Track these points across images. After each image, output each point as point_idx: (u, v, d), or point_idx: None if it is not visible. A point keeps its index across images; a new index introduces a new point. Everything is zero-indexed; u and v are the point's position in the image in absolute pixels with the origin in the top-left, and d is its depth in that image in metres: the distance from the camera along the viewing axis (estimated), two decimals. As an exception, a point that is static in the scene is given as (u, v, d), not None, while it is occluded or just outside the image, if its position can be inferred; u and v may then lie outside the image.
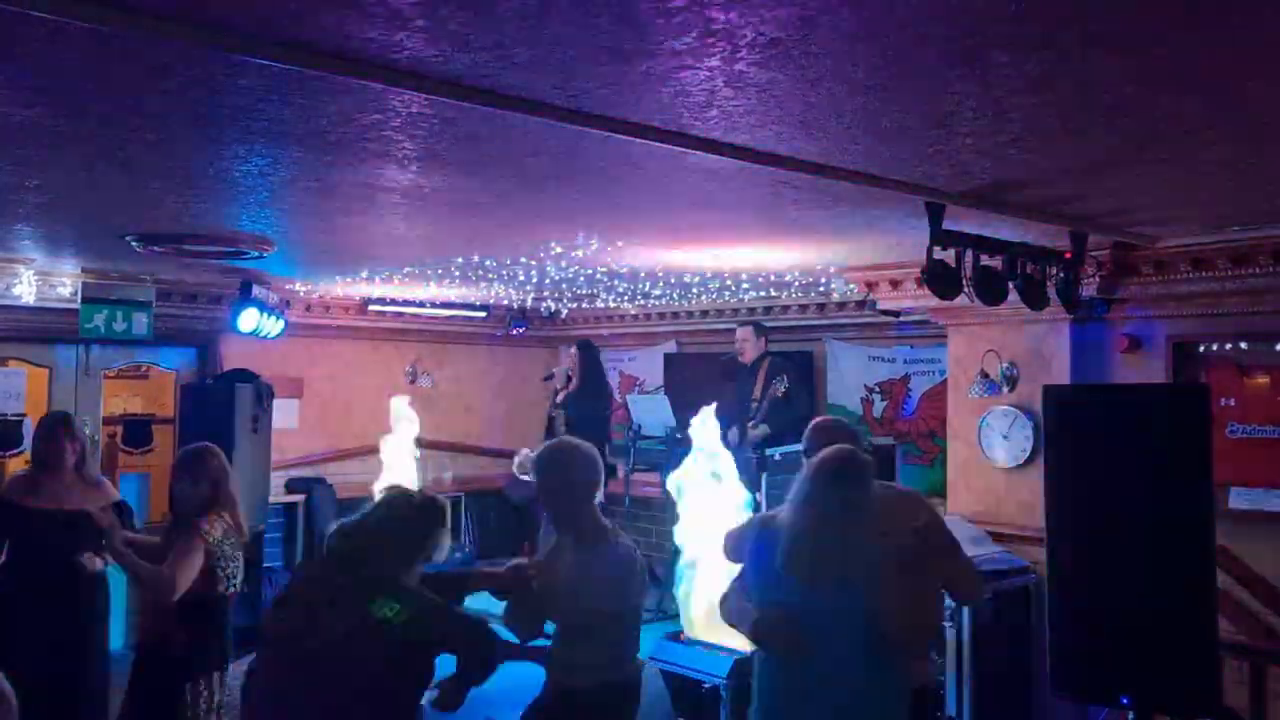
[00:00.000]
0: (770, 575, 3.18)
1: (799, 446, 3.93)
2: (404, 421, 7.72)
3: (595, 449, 3.50)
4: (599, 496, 3.46)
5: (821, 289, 7.17)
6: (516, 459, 7.75)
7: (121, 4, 2.02)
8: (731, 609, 3.36)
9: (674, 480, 5.43)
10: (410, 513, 3.07)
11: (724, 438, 5.63)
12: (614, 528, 3.42)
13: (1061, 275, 4.57)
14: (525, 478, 7.65)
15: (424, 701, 2.97)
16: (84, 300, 6.58)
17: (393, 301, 8.49)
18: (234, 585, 4.13)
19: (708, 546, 5.29)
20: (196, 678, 4.01)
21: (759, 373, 6.79)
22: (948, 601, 4.99)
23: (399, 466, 7.59)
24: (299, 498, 8.18)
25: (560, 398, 7.55)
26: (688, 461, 5.43)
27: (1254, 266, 4.81)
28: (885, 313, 6.70)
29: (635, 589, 3.34)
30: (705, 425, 5.47)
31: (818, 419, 4.06)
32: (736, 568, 3.51)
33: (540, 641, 3.35)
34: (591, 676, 3.21)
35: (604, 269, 6.14)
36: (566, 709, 3.26)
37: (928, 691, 3.53)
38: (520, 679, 3.71)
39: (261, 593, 7.39)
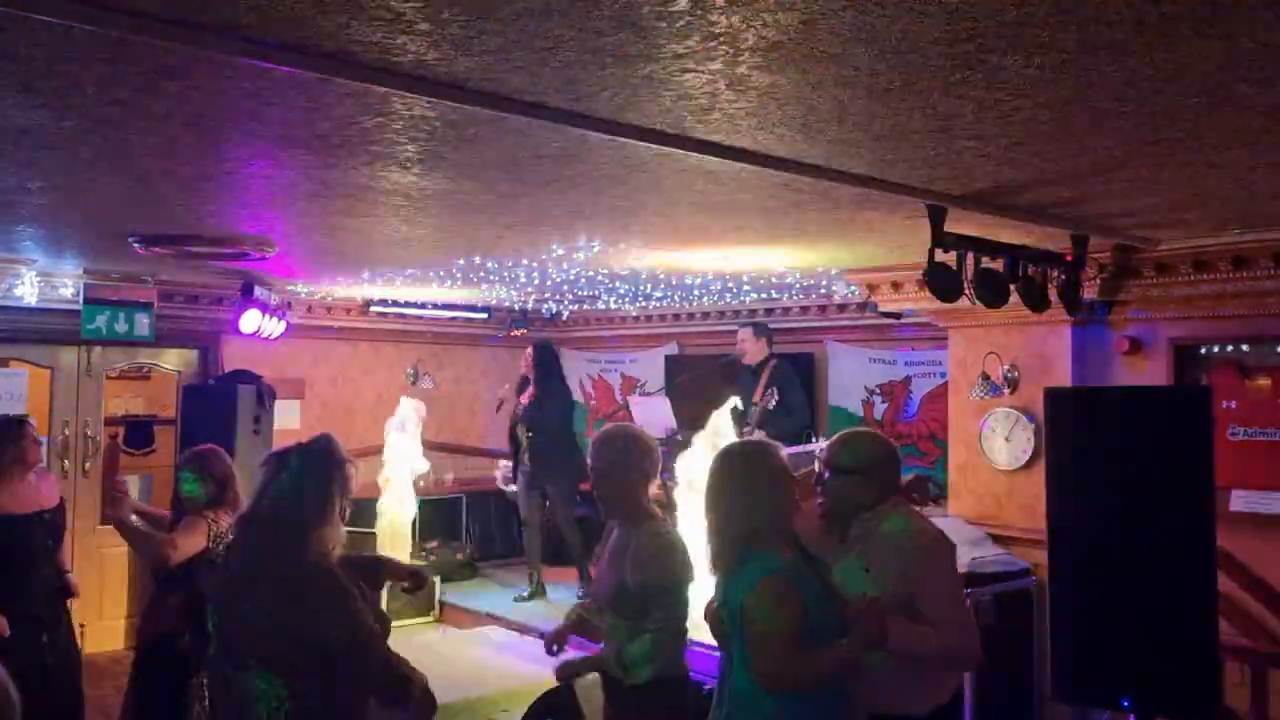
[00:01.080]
0: None
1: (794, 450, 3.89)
2: (411, 422, 7.70)
3: (652, 438, 3.55)
4: (651, 488, 3.47)
5: (822, 291, 7.18)
6: (498, 471, 7.71)
7: (125, 7, 2.03)
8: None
9: (683, 467, 5.40)
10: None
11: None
12: (662, 516, 3.46)
13: (1063, 277, 4.57)
14: (509, 489, 7.64)
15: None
16: (86, 301, 6.59)
17: (394, 303, 8.50)
18: None
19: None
20: (199, 673, 3.98)
21: (762, 376, 6.78)
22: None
23: (401, 462, 7.58)
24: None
25: (525, 400, 7.45)
26: (698, 448, 5.41)
27: (1255, 269, 4.81)
28: (886, 315, 6.70)
29: (675, 567, 3.31)
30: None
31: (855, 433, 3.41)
32: None
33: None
34: (643, 671, 3.24)
35: (605, 271, 6.15)
36: (612, 701, 3.31)
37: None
38: (518, 681, 3.72)
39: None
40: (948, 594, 3.02)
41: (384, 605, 7.23)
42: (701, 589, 3.23)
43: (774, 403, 6.33)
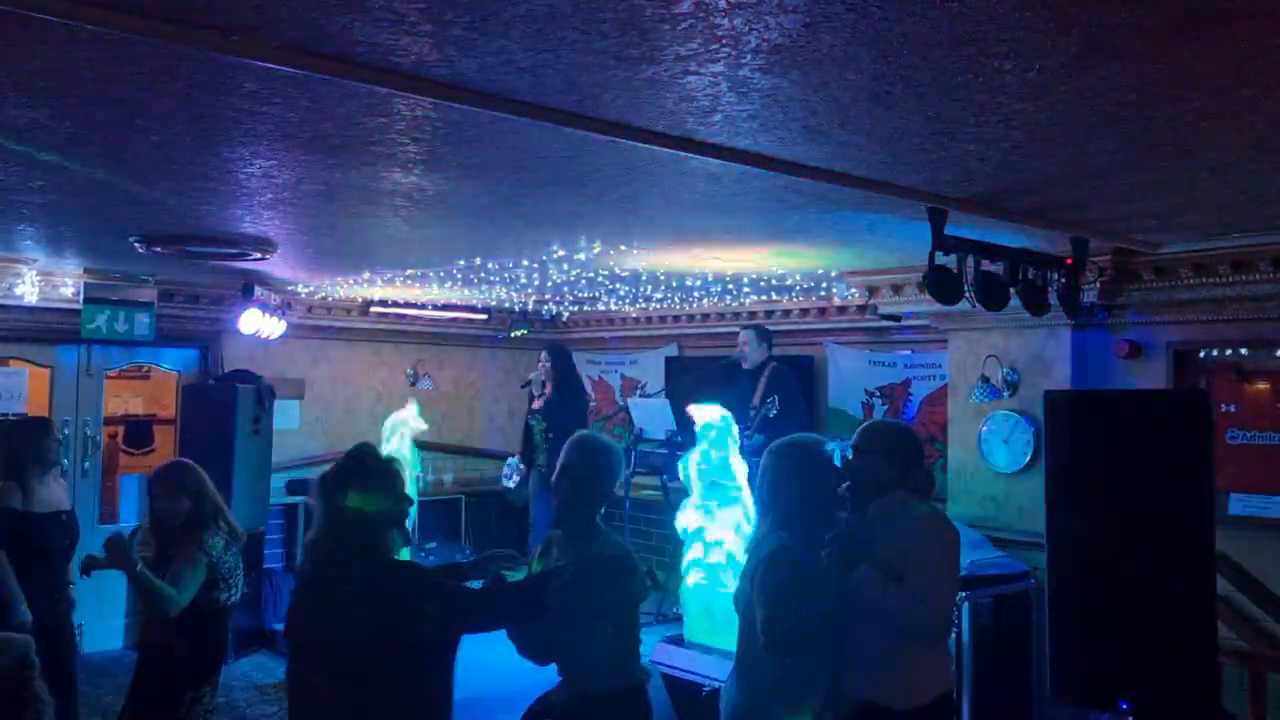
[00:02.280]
0: None
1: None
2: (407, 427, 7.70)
3: (621, 455, 3.47)
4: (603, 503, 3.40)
5: (823, 293, 7.18)
6: (506, 469, 7.71)
7: (128, 7, 2.03)
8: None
9: (691, 464, 5.38)
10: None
11: None
12: (608, 531, 3.38)
13: (1063, 281, 4.57)
14: (511, 483, 7.63)
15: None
16: (86, 300, 6.59)
17: (394, 303, 8.50)
18: (235, 594, 4.13)
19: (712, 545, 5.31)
20: (195, 685, 4.00)
21: (760, 380, 6.77)
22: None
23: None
24: (300, 499, 8.18)
25: (537, 404, 7.49)
26: (703, 447, 5.39)
27: (1255, 273, 4.82)
28: (887, 317, 6.70)
29: (626, 588, 3.23)
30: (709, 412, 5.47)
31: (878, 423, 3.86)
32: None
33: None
34: (588, 683, 3.18)
35: (606, 272, 6.15)
36: (575, 713, 3.22)
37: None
38: (518, 682, 3.71)
39: (262, 594, 7.40)
40: (932, 563, 3.23)
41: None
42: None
43: (774, 412, 6.30)
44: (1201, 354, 5.34)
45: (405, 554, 3.37)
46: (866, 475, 3.40)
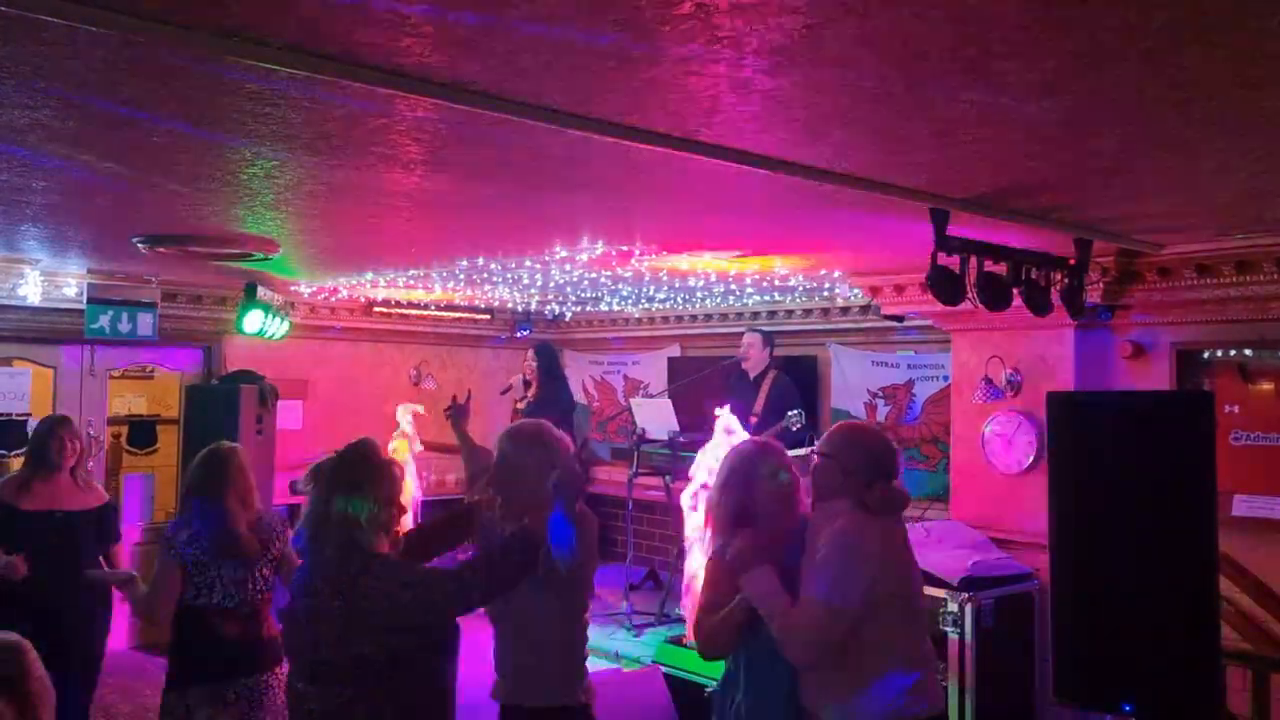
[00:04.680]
0: None
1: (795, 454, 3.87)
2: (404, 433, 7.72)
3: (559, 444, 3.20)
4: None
5: (825, 294, 7.18)
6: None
7: (130, 9, 2.03)
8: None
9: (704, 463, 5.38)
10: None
11: None
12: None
13: (1066, 281, 4.56)
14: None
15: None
16: (89, 301, 6.60)
17: (397, 303, 8.51)
18: (218, 598, 3.83)
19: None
20: (174, 690, 3.80)
21: (762, 385, 6.77)
22: (951, 606, 5.03)
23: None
24: (303, 499, 8.18)
25: (522, 405, 7.48)
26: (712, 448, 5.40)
27: (1259, 273, 4.80)
28: (889, 318, 6.70)
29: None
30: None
31: (850, 425, 3.61)
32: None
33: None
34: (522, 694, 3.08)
35: (608, 272, 6.15)
36: None
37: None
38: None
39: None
40: (823, 578, 2.99)
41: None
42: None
43: (798, 424, 6.26)
44: (1205, 355, 5.33)
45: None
46: (816, 477, 3.27)
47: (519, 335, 9.29)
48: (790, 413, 6.33)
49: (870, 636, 3.00)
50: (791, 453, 3.53)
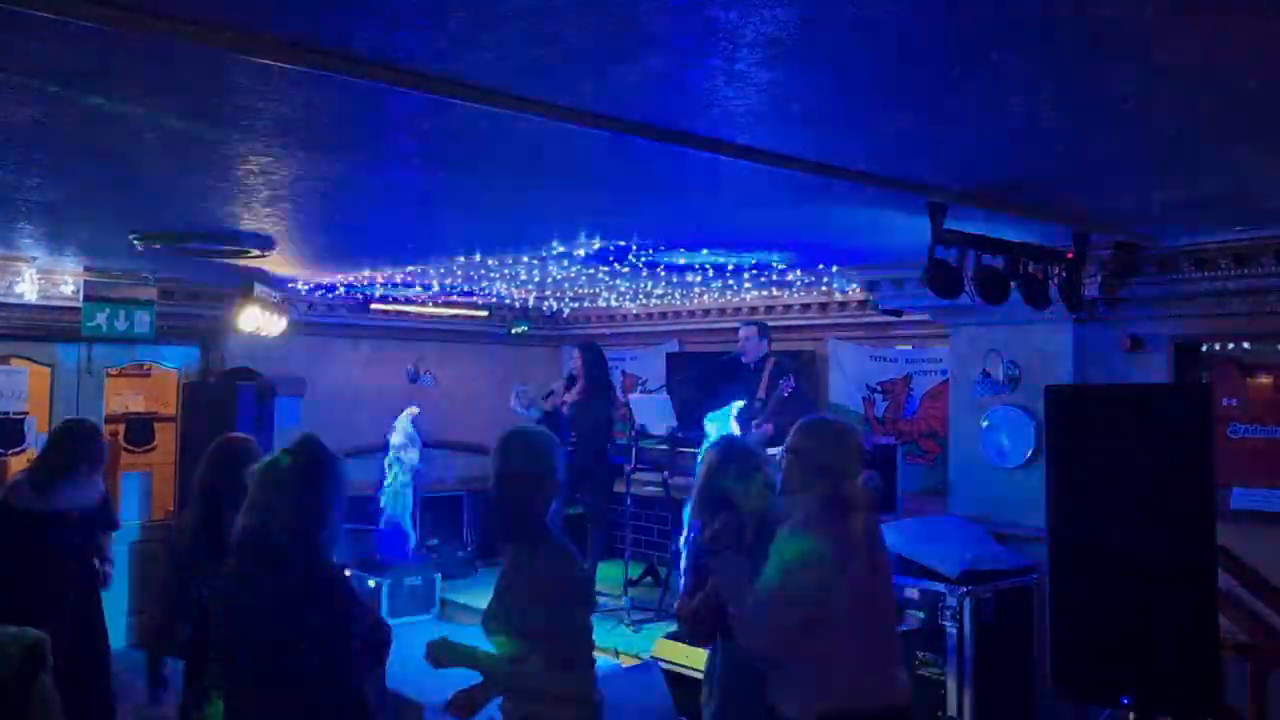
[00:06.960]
0: None
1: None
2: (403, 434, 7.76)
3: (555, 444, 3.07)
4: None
5: (824, 288, 7.17)
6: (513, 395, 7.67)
7: (124, 3, 2.02)
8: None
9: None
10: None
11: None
12: (554, 534, 3.03)
13: (1064, 275, 4.55)
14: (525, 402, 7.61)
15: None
16: (86, 299, 6.58)
17: (395, 300, 8.50)
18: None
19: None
20: (191, 686, 3.74)
21: (763, 372, 6.77)
22: (949, 600, 5.03)
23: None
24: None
25: (570, 398, 7.46)
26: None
27: (1257, 266, 4.80)
28: (887, 312, 6.69)
29: (574, 597, 2.91)
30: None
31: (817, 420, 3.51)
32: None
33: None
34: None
35: (605, 268, 6.14)
36: None
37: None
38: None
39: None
40: (775, 569, 3.00)
41: (384, 602, 7.28)
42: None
43: (789, 390, 6.28)
44: (1203, 348, 5.33)
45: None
46: (783, 473, 3.24)
47: (517, 331, 9.28)
48: (780, 381, 6.36)
49: (829, 634, 2.98)
50: (770, 450, 3.55)
